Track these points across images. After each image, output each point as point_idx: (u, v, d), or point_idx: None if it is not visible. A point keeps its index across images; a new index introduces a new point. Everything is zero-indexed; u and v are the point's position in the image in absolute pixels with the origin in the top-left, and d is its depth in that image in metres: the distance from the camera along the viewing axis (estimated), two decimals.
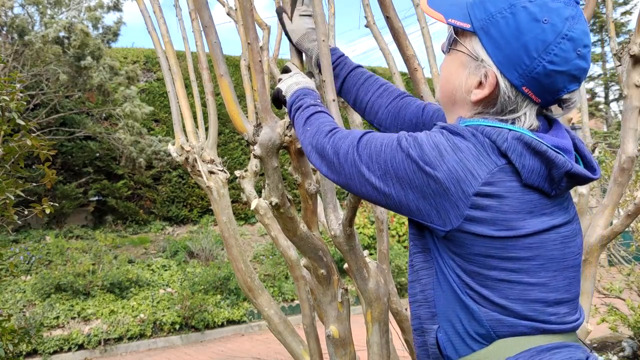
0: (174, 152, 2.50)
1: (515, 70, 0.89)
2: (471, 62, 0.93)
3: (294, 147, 1.36)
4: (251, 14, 1.22)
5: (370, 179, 0.93)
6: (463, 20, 0.93)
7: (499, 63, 0.90)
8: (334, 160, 1.00)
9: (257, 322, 7.19)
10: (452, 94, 0.97)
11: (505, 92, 0.90)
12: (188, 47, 2.68)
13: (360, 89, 1.32)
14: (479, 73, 0.92)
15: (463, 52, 0.94)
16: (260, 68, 1.23)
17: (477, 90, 0.93)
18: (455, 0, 0.98)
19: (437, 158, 0.86)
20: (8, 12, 7.08)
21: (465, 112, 0.97)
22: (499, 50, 0.89)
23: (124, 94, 8.07)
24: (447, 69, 0.99)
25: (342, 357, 1.52)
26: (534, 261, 0.87)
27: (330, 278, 1.49)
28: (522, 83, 0.89)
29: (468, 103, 0.95)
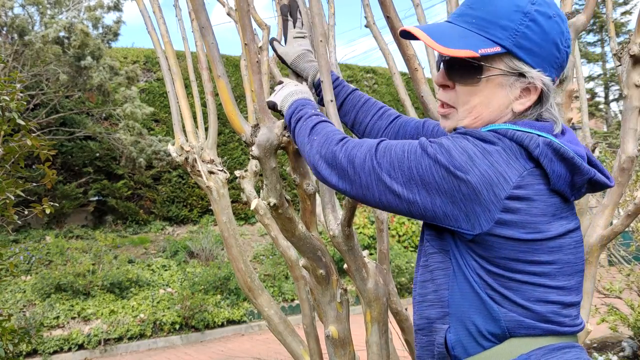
0: (174, 152, 2.50)
1: (552, 66, 0.94)
2: (508, 79, 0.94)
3: (292, 147, 1.36)
4: (248, 15, 1.22)
5: (392, 187, 0.92)
6: (489, 47, 0.93)
7: (540, 67, 0.93)
8: (347, 170, 0.97)
9: (257, 322, 7.19)
10: (492, 115, 0.97)
11: (548, 89, 0.94)
12: (188, 47, 2.67)
13: (360, 112, 1.33)
14: (519, 84, 0.94)
15: (497, 74, 0.94)
16: (257, 69, 1.23)
17: (522, 99, 0.95)
18: (462, 34, 0.96)
19: (468, 162, 0.86)
20: (8, 12, 7.08)
21: (502, 122, 0.97)
22: (536, 57, 0.93)
23: (125, 95, 8.07)
24: (479, 96, 0.97)
25: (342, 357, 1.52)
26: (555, 265, 0.89)
27: (329, 278, 1.49)
28: (555, 74, 0.96)
29: (509, 114, 0.96)
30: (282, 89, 1.26)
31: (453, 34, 0.96)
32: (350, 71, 12.16)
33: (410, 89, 4.41)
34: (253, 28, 1.25)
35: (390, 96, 12.58)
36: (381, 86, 12.64)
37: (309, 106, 1.16)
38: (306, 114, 1.12)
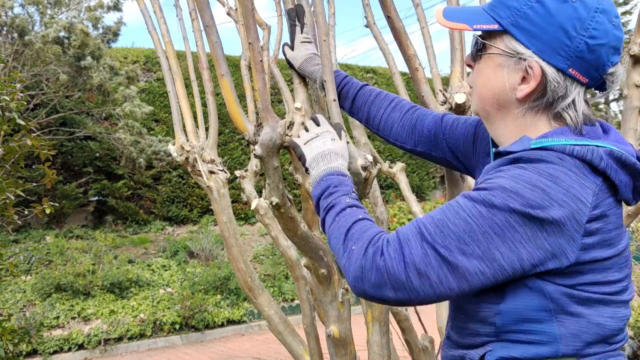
0: (174, 152, 2.50)
1: (558, 54, 0.87)
2: (508, 60, 0.90)
3: None
4: (252, 13, 1.22)
5: (472, 267, 0.79)
6: (488, 23, 0.92)
7: (539, 51, 0.87)
8: (408, 275, 0.81)
9: (257, 322, 7.19)
10: (495, 98, 0.93)
11: (553, 79, 0.87)
12: (188, 47, 2.67)
13: (372, 106, 1.29)
14: (519, 68, 0.89)
15: (496, 53, 0.92)
16: (261, 67, 1.23)
17: (522, 85, 0.90)
18: (472, 10, 0.96)
19: (543, 198, 0.78)
20: (8, 12, 7.08)
21: (514, 115, 0.92)
22: (535, 39, 0.88)
23: (124, 94, 8.07)
24: (482, 75, 0.95)
25: (343, 357, 1.52)
26: (624, 282, 0.86)
27: (331, 278, 1.49)
28: (568, 65, 0.87)
29: (514, 102, 0.92)
30: (315, 139, 1.11)
31: (465, 12, 0.96)
32: (350, 71, 12.16)
33: (410, 89, 4.41)
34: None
35: None
36: (381, 86, 12.64)
37: (343, 187, 1.00)
38: (339, 205, 0.96)
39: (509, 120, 0.94)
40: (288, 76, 1.93)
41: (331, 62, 1.23)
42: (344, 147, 1.11)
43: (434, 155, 1.22)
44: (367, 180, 1.18)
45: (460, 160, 1.17)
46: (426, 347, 2.12)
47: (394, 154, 12.38)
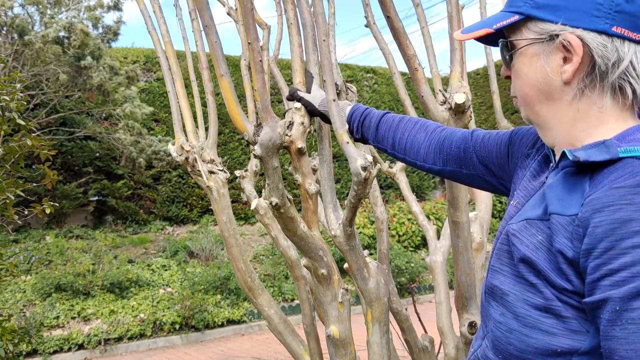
0: (174, 152, 2.50)
1: (592, 15, 0.76)
2: (541, 46, 0.81)
3: (294, 147, 1.36)
4: (252, 13, 1.22)
5: None
6: (507, 18, 0.85)
7: (570, 20, 0.78)
8: None
9: (257, 322, 7.19)
10: (540, 92, 0.83)
11: (598, 44, 0.76)
12: (188, 47, 2.68)
13: (397, 131, 1.24)
14: (555, 48, 0.79)
15: (526, 44, 0.83)
16: (260, 67, 1.23)
17: (565, 66, 0.79)
18: (491, 17, 0.90)
19: None
20: (8, 12, 7.08)
21: (567, 103, 0.81)
22: (562, 11, 0.78)
23: (124, 94, 8.07)
24: (519, 75, 0.86)
25: (343, 357, 1.52)
26: None
27: (331, 278, 1.49)
28: (609, 24, 0.76)
29: (563, 89, 0.80)
30: None
31: (484, 20, 0.90)
32: (350, 71, 12.17)
33: (410, 89, 4.42)
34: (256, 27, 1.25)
35: (390, 96, 12.58)
36: (381, 86, 12.64)
37: None
38: None
39: (564, 111, 0.82)
40: (288, 76, 1.93)
41: (331, 62, 1.23)
42: None
43: (464, 173, 1.15)
44: (367, 180, 1.18)
45: (495, 173, 1.09)
46: (426, 347, 2.12)
47: None
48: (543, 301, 0.75)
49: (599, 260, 0.66)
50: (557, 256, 0.73)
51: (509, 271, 0.82)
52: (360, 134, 1.29)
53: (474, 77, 13.59)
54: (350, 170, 1.21)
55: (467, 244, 1.76)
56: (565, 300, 0.73)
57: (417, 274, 8.56)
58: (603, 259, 0.65)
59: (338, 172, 11.17)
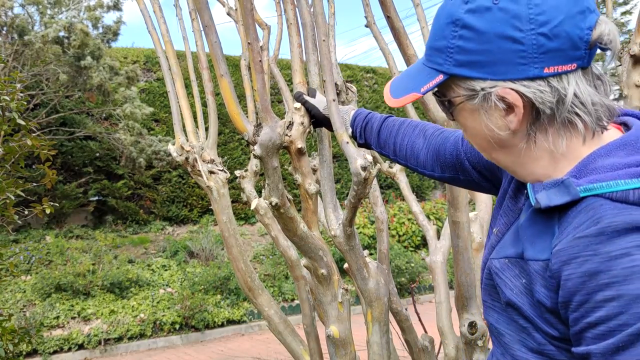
0: (174, 152, 2.50)
1: (520, 64, 0.72)
2: (475, 102, 0.77)
3: (294, 147, 1.36)
4: (251, 13, 1.22)
5: None
6: (432, 79, 0.80)
7: (499, 75, 0.74)
8: None
9: (257, 322, 7.19)
10: (493, 143, 0.80)
11: (535, 92, 0.72)
12: (188, 47, 2.68)
13: (397, 136, 1.22)
14: (491, 102, 0.76)
15: (462, 101, 0.79)
16: (260, 68, 1.23)
17: (509, 117, 0.75)
18: (413, 71, 0.86)
19: None
20: (8, 12, 7.08)
21: (520, 149, 0.78)
22: (487, 67, 0.74)
23: (124, 95, 8.07)
24: (467, 128, 0.83)
25: (343, 357, 1.52)
26: None
27: (331, 278, 1.49)
28: (540, 67, 0.72)
29: (514, 137, 0.77)
30: None
31: (408, 78, 0.86)
32: (350, 71, 12.17)
33: None
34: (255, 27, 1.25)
35: None
36: (381, 86, 12.64)
37: None
38: None
39: (524, 154, 0.79)
40: (288, 76, 1.93)
41: (331, 62, 1.23)
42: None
43: (462, 179, 1.12)
44: (367, 180, 1.18)
45: (488, 177, 1.06)
46: (426, 347, 2.12)
47: None
48: (536, 345, 0.74)
49: (577, 314, 0.65)
50: (539, 306, 0.72)
51: (500, 307, 0.82)
52: (363, 139, 1.28)
53: None
54: (350, 170, 1.21)
55: (467, 244, 1.76)
56: (557, 344, 0.72)
57: (417, 274, 8.56)
58: (580, 312, 0.65)
59: (338, 172, 11.17)
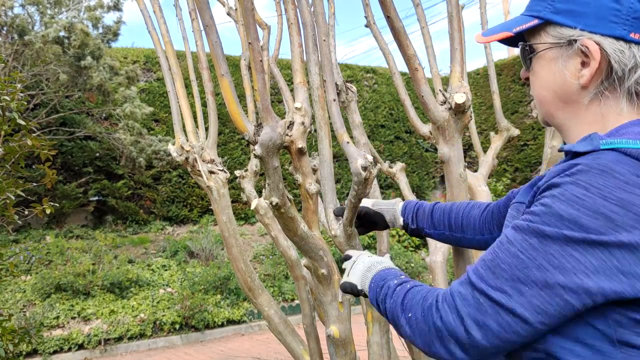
0: (174, 152, 2.50)
1: (611, 22, 0.78)
2: (559, 50, 0.83)
3: (295, 147, 1.36)
4: (252, 13, 1.22)
5: (533, 307, 0.71)
6: (526, 22, 0.87)
7: (588, 26, 0.79)
8: (469, 331, 0.75)
9: (257, 322, 7.19)
10: (557, 96, 0.85)
11: (615, 50, 0.78)
12: (188, 47, 2.68)
13: (451, 213, 1.29)
14: (573, 52, 0.81)
15: (544, 48, 0.85)
16: (261, 67, 1.23)
17: (583, 70, 0.81)
18: (510, 20, 0.93)
19: (607, 225, 0.67)
20: (8, 12, 7.08)
21: (584, 107, 0.83)
22: (581, 17, 0.80)
23: (124, 94, 8.07)
24: (537, 78, 0.88)
25: (343, 357, 1.52)
26: None
27: (331, 278, 1.49)
28: (627, 30, 0.78)
29: (580, 92, 0.82)
30: (355, 265, 1.12)
31: (504, 24, 0.92)
32: (350, 71, 12.17)
33: (410, 89, 4.41)
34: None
35: (390, 96, 12.58)
36: (381, 86, 12.64)
37: (390, 276, 1.00)
38: (391, 291, 0.95)
39: (581, 114, 0.84)
40: (288, 76, 1.94)
41: (331, 62, 1.23)
42: (383, 257, 1.13)
43: None
44: (367, 180, 1.18)
45: None
46: None
47: (394, 154, 12.38)
48: None
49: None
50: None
51: None
52: (415, 225, 1.34)
53: (474, 77, 13.59)
54: (350, 170, 1.21)
55: None
56: None
57: (417, 274, 8.56)
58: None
59: (338, 172, 11.17)
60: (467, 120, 1.58)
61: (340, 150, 1.30)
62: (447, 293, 0.81)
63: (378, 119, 12.37)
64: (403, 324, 0.87)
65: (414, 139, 12.80)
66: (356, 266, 1.11)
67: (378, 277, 1.03)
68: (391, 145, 12.51)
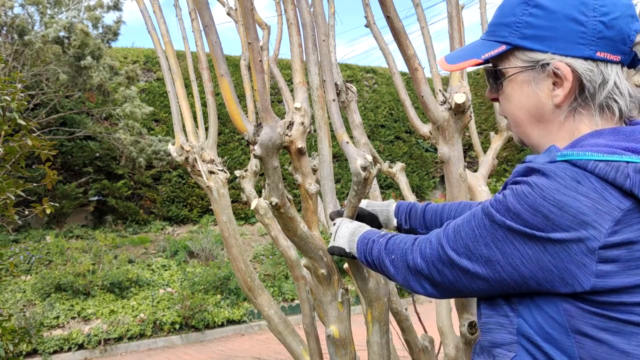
0: (174, 152, 2.50)
1: (578, 44, 0.84)
2: (531, 73, 0.88)
3: (294, 147, 1.36)
4: (252, 13, 1.22)
5: (476, 271, 0.84)
6: (494, 48, 0.90)
7: (559, 49, 0.84)
8: (432, 273, 0.91)
9: (257, 322, 7.19)
10: (532, 116, 0.90)
11: (585, 70, 0.84)
12: (188, 47, 2.68)
13: (443, 214, 1.32)
14: (545, 75, 0.86)
15: (516, 72, 0.89)
16: (260, 67, 1.23)
17: (556, 90, 0.86)
18: (471, 45, 0.96)
19: (544, 223, 0.76)
20: (8, 12, 7.08)
21: (558, 124, 0.88)
22: (549, 41, 0.85)
23: (124, 94, 8.07)
24: (511, 101, 0.92)
25: (343, 357, 1.52)
26: None
27: (331, 278, 1.49)
28: (594, 50, 0.84)
29: (554, 111, 0.87)
30: (339, 230, 1.24)
31: (467, 49, 0.96)
32: (350, 71, 12.17)
33: (410, 89, 4.42)
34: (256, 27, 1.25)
35: (390, 96, 12.58)
36: (381, 86, 12.64)
37: (373, 233, 1.14)
38: (376, 242, 1.09)
39: (555, 131, 0.89)
40: (288, 76, 1.94)
41: (331, 62, 1.23)
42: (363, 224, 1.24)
43: None
44: (366, 180, 1.18)
45: None
46: (426, 347, 2.12)
47: (394, 154, 12.38)
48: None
49: None
50: None
51: None
52: (408, 225, 1.37)
53: (474, 77, 13.59)
54: (350, 170, 1.21)
55: None
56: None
57: None
58: None
59: (338, 172, 11.17)
60: (467, 120, 1.58)
61: (340, 150, 1.31)
62: (422, 239, 0.96)
63: (378, 119, 12.36)
64: (387, 264, 1.03)
65: (414, 139, 12.80)
66: (340, 231, 1.23)
67: (363, 237, 1.16)
68: (391, 145, 12.51)
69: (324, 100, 1.37)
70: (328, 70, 1.22)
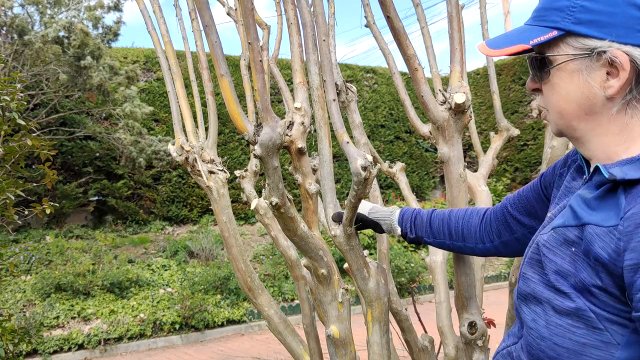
0: (174, 152, 2.50)
1: (638, 31, 0.77)
2: (583, 62, 0.81)
3: (294, 147, 1.36)
4: (252, 13, 1.22)
5: None
6: (544, 34, 0.84)
7: (617, 37, 0.78)
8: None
9: (257, 322, 7.19)
10: (580, 108, 0.83)
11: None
12: (188, 47, 2.68)
13: (450, 222, 1.29)
14: (599, 64, 0.79)
15: (567, 60, 0.82)
16: (260, 67, 1.23)
17: (611, 81, 0.79)
18: (517, 31, 0.89)
19: None
20: (8, 11, 7.08)
21: (609, 118, 0.82)
22: (607, 27, 0.78)
23: (124, 94, 8.07)
24: (557, 91, 0.85)
25: (343, 357, 1.52)
26: None
27: (331, 278, 1.49)
28: None
29: (605, 104, 0.81)
30: None
31: (512, 35, 0.89)
32: (350, 71, 12.17)
33: (410, 89, 4.42)
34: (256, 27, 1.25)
35: (390, 96, 12.58)
36: (381, 86, 12.64)
37: None
38: None
39: (604, 125, 0.82)
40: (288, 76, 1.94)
41: (331, 62, 1.23)
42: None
43: (516, 237, 1.17)
44: (367, 180, 1.18)
45: (539, 216, 1.10)
46: (426, 347, 2.12)
47: (394, 154, 12.38)
48: (575, 310, 0.77)
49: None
50: (594, 263, 0.75)
51: (539, 279, 0.85)
52: (414, 234, 1.34)
53: (474, 77, 13.59)
54: (350, 170, 1.21)
55: None
56: (598, 311, 0.76)
57: (417, 274, 8.56)
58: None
59: (338, 172, 11.17)
60: (467, 120, 1.58)
61: (340, 150, 1.31)
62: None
63: (378, 119, 12.36)
64: None
65: (414, 139, 12.81)
66: None
67: None
68: (391, 145, 12.51)
69: (324, 100, 1.37)
70: (328, 70, 1.21)
